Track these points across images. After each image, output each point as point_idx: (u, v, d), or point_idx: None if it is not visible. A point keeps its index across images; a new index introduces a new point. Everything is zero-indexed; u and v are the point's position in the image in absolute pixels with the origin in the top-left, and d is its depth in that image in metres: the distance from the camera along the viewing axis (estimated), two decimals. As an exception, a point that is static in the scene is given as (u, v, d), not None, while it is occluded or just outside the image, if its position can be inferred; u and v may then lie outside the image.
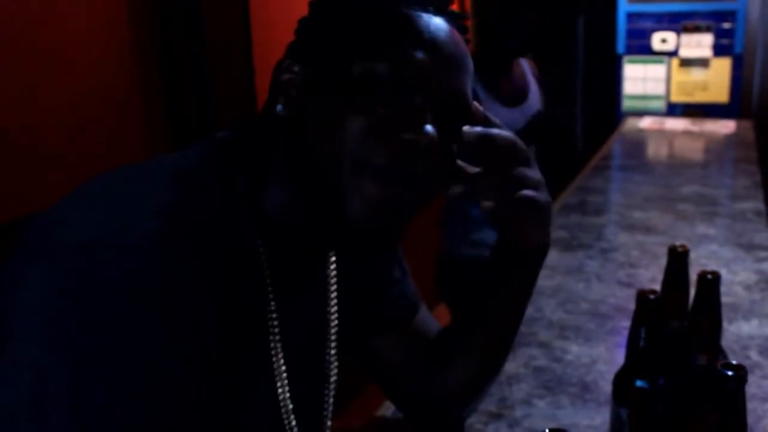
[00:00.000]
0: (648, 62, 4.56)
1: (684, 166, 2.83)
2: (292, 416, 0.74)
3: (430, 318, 0.91)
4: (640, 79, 4.60)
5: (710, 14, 4.38)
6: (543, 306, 1.44)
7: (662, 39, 4.48)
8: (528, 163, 0.71)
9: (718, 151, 3.24)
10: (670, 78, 4.52)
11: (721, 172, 2.78)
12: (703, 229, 1.93)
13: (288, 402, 0.72)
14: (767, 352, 1.22)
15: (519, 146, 0.70)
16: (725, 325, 0.82)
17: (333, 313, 0.79)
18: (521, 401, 1.09)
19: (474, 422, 1.03)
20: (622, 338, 1.16)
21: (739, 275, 1.57)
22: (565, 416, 1.05)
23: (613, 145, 3.24)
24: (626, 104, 4.66)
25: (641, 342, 0.79)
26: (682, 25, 4.44)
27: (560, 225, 1.99)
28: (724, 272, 0.81)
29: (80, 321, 0.51)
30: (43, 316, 0.52)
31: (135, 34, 1.49)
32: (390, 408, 1.14)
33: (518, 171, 0.70)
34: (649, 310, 0.79)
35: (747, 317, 1.35)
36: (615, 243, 1.86)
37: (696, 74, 4.46)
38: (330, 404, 0.81)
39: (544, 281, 1.56)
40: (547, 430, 0.56)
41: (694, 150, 3.26)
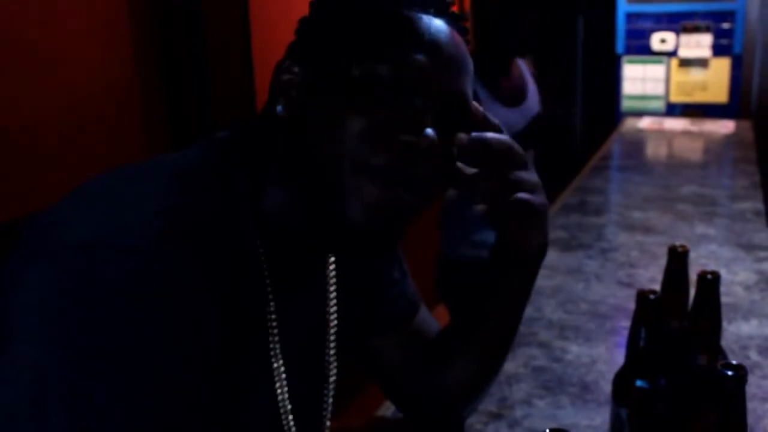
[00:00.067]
0: (647, 62, 4.56)
1: (683, 167, 2.83)
2: (290, 417, 0.74)
3: (430, 318, 0.91)
4: (640, 80, 4.61)
5: (709, 14, 4.38)
6: (543, 306, 1.44)
7: (661, 39, 4.49)
8: (524, 166, 0.71)
9: (718, 152, 3.24)
10: (670, 78, 4.53)
11: (721, 173, 2.79)
12: (703, 229, 1.93)
13: (286, 403, 0.72)
14: (767, 352, 1.22)
15: (515, 149, 0.70)
16: (724, 326, 0.82)
17: (332, 314, 0.79)
18: (521, 401, 1.09)
19: (474, 422, 1.03)
20: (622, 338, 1.16)
21: (739, 275, 1.58)
22: (565, 416, 1.05)
23: (613, 146, 3.24)
24: (625, 104, 4.66)
25: (641, 342, 0.79)
26: (682, 26, 4.45)
27: (560, 225, 1.99)
28: (724, 272, 0.81)
29: (80, 321, 0.51)
30: (43, 316, 0.52)
31: (135, 34, 1.49)
32: (390, 408, 1.14)
33: (514, 174, 0.70)
34: (649, 310, 0.79)
35: (746, 317, 1.35)
36: (614, 243, 1.86)
37: (695, 74, 4.47)
38: (329, 404, 0.81)
39: (544, 281, 1.56)
40: (548, 430, 0.56)
41: (694, 150, 3.26)
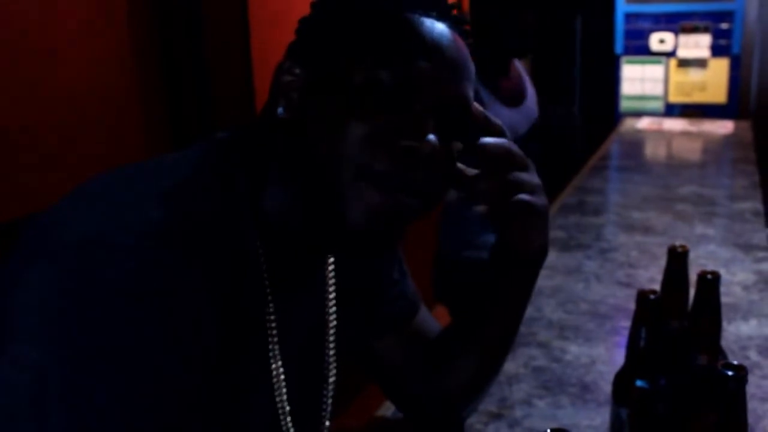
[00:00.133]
0: (646, 63, 4.57)
1: (682, 167, 2.83)
2: (289, 418, 0.73)
3: (430, 318, 0.91)
4: (638, 80, 4.61)
5: (708, 15, 4.39)
6: (542, 306, 1.44)
7: (660, 39, 4.49)
8: (525, 168, 0.71)
9: (717, 152, 3.24)
10: (668, 78, 4.53)
11: (720, 173, 2.79)
12: (702, 230, 1.93)
13: (285, 403, 0.72)
14: (766, 352, 1.22)
15: (514, 151, 0.70)
16: (724, 326, 0.82)
17: (332, 314, 0.79)
18: (521, 401, 1.09)
19: (474, 422, 1.03)
20: (622, 338, 1.16)
21: (738, 275, 1.58)
22: (565, 416, 1.05)
23: (612, 146, 3.24)
24: (624, 105, 4.67)
25: (641, 342, 0.79)
26: (680, 26, 4.45)
27: (559, 225, 1.99)
28: (723, 272, 0.81)
29: (80, 321, 0.51)
30: (43, 316, 0.52)
31: (135, 34, 1.49)
32: (390, 408, 1.14)
33: (514, 176, 0.70)
34: (650, 310, 0.79)
35: (746, 317, 1.35)
36: (614, 243, 1.86)
37: (694, 75, 4.47)
38: (329, 405, 0.81)
39: (544, 281, 1.56)
40: (549, 430, 0.56)
41: (693, 150, 3.27)
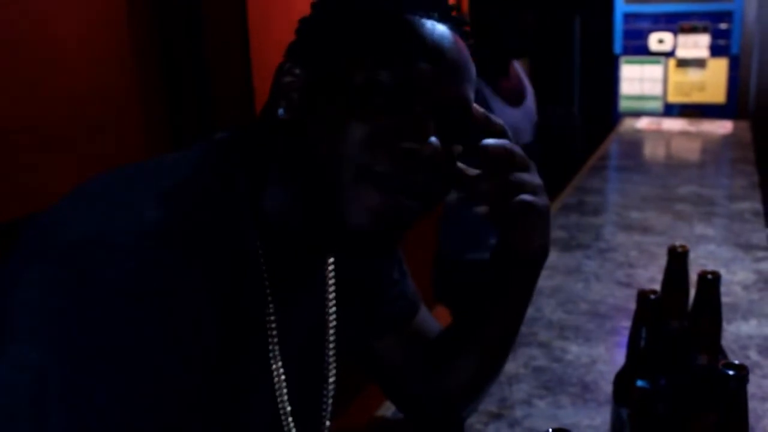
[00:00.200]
0: (645, 63, 4.57)
1: (681, 167, 2.84)
2: (290, 418, 0.73)
3: (430, 318, 0.91)
4: (637, 80, 4.61)
5: (707, 15, 4.39)
6: (543, 306, 1.44)
7: (659, 39, 4.49)
8: (526, 168, 0.71)
9: (716, 152, 3.24)
10: (667, 78, 4.53)
11: (719, 173, 2.79)
12: (701, 229, 1.93)
13: (286, 404, 0.72)
14: (766, 352, 1.22)
15: (515, 152, 0.70)
16: (724, 325, 0.82)
17: (332, 314, 0.78)
18: (521, 401, 1.09)
19: (474, 422, 1.03)
20: (622, 338, 1.16)
21: (738, 275, 1.58)
22: (566, 416, 1.05)
23: (611, 146, 3.24)
24: (623, 105, 4.67)
25: (642, 342, 0.79)
26: (679, 26, 4.45)
27: (558, 225, 1.99)
28: (723, 272, 0.81)
29: (80, 321, 0.51)
30: (43, 316, 0.52)
31: (135, 34, 1.49)
32: (390, 408, 1.14)
33: (515, 176, 0.70)
34: (650, 310, 0.79)
35: (746, 317, 1.36)
36: (613, 243, 1.86)
37: (693, 75, 4.48)
38: (329, 405, 0.81)
39: (544, 281, 1.56)
40: (550, 430, 0.56)
41: (692, 150, 3.27)
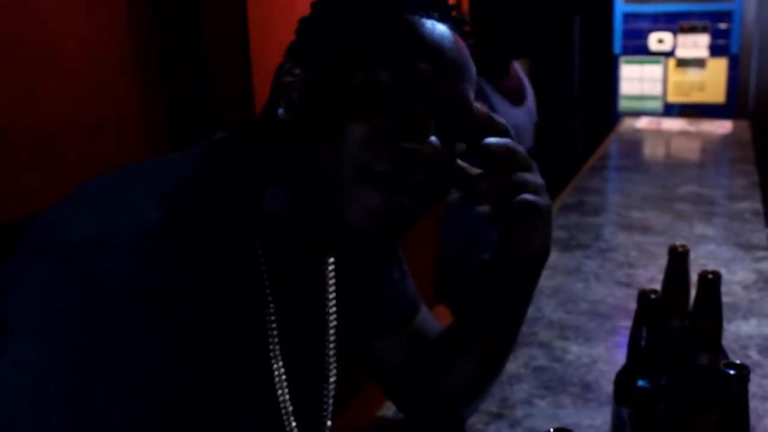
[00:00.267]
0: (645, 62, 4.57)
1: (681, 167, 2.83)
2: (292, 418, 0.73)
3: (431, 318, 0.91)
4: (637, 80, 4.61)
5: (707, 15, 4.39)
6: (543, 306, 1.44)
7: (659, 39, 4.50)
8: (528, 168, 0.71)
9: (715, 151, 3.24)
10: (667, 78, 4.54)
11: (719, 172, 2.79)
12: (701, 229, 1.93)
13: (288, 404, 0.72)
14: (766, 352, 1.22)
15: (518, 151, 0.70)
16: (724, 325, 0.82)
17: (332, 314, 0.78)
18: (522, 401, 1.09)
19: (475, 422, 1.03)
20: (622, 338, 1.16)
21: (738, 275, 1.58)
22: (567, 416, 1.05)
23: (611, 146, 3.24)
24: (623, 104, 4.67)
25: (643, 342, 0.79)
26: (679, 26, 4.45)
27: (559, 225, 1.99)
28: (723, 272, 0.81)
29: (80, 321, 0.51)
30: (43, 316, 0.52)
31: (134, 35, 1.49)
32: (391, 408, 1.14)
33: (518, 176, 0.69)
34: (651, 310, 0.79)
35: (746, 317, 1.35)
36: (613, 243, 1.86)
37: (693, 74, 4.48)
38: (330, 405, 0.81)
39: (544, 281, 1.56)
40: (552, 430, 0.56)
41: (691, 150, 3.27)
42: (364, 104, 0.62)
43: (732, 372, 0.64)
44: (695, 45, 4.44)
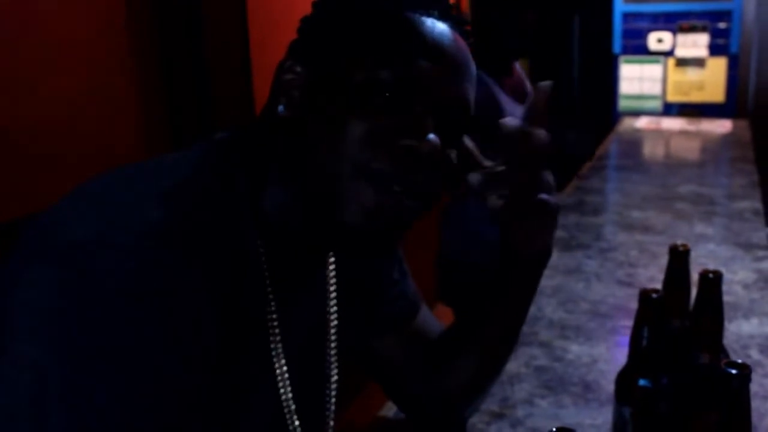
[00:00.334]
0: (644, 62, 4.57)
1: (681, 166, 2.83)
2: (295, 417, 0.73)
3: (432, 318, 0.91)
4: (637, 79, 4.61)
5: (706, 14, 4.39)
6: (543, 306, 1.44)
7: (658, 39, 4.50)
8: (546, 167, 0.70)
9: (715, 151, 3.24)
10: (667, 78, 4.54)
11: (718, 172, 2.79)
12: (701, 229, 1.93)
13: (291, 403, 0.72)
14: (767, 351, 1.22)
15: (541, 139, 0.69)
16: (725, 325, 0.82)
17: (333, 313, 0.78)
18: (523, 401, 1.08)
19: (476, 422, 1.03)
20: (623, 337, 1.16)
21: (738, 274, 1.58)
22: (568, 416, 1.05)
23: (610, 145, 3.24)
24: (622, 104, 4.67)
25: (644, 341, 0.79)
26: (678, 25, 4.46)
27: (559, 225, 1.97)
28: (723, 271, 0.81)
29: (80, 321, 0.51)
30: (43, 316, 0.51)
31: (134, 34, 1.49)
32: (392, 408, 1.14)
33: (540, 173, 0.69)
34: (652, 310, 0.79)
35: (747, 316, 1.35)
36: (614, 243, 1.86)
37: (692, 74, 4.48)
38: (332, 404, 0.81)
39: (545, 281, 1.55)
40: (554, 430, 0.56)
41: (691, 150, 3.27)
42: (364, 103, 0.62)
43: (733, 371, 0.64)
44: (695, 44, 4.44)
